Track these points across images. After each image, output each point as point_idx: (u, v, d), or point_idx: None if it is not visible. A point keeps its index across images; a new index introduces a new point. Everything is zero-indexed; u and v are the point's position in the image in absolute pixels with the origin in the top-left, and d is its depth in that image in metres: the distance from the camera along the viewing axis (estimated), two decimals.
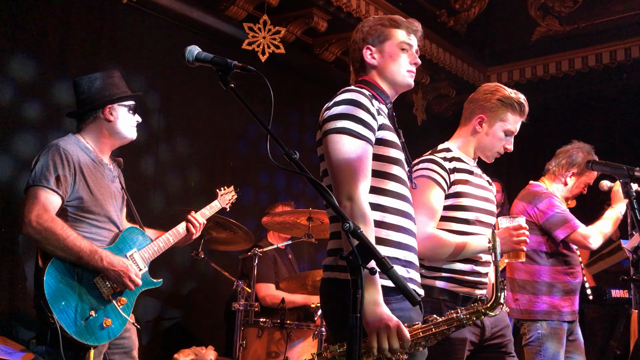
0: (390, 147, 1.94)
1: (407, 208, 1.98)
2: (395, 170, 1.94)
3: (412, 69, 2.07)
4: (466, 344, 2.36)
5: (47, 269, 2.41)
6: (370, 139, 1.88)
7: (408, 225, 1.96)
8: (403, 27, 2.06)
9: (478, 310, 1.99)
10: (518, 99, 2.52)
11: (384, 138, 1.93)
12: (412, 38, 2.07)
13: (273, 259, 4.49)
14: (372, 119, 1.89)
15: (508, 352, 2.49)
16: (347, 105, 1.89)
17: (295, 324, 3.78)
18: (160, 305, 4.44)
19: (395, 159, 1.94)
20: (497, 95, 2.51)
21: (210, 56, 1.61)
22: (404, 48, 2.05)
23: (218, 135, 4.93)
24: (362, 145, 1.85)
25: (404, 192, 1.97)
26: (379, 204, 1.90)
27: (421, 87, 6.36)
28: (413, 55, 2.07)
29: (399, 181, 1.95)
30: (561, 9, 6.23)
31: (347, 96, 1.91)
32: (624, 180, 2.42)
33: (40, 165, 2.49)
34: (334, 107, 1.91)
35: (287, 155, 1.47)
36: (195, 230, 2.86)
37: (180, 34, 4.57)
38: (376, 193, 1.90)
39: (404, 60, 2.05)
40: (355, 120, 1.86)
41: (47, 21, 3.86)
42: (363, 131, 1.86)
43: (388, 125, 1.97)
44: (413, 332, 1.79)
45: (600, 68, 6.11)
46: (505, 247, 2.35)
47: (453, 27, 6.23)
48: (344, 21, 5.14)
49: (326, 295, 1.93)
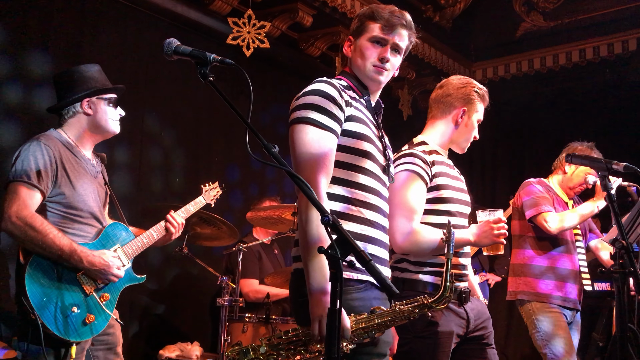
0: (361, 139, 1.92)
1: (377, 202, 1.95)
2: (365, 163, 1.92)
3: (379, 64, 2.00)
4: (453, 337, 2.39)
5: (28, 265, 2.38)
6: (334, 129, 1.87)
7: (376, 219, 1.94)
8: (381, 20, 2.01)
9: (424, 304, 1.96)
10: (485, 90, 2.65)
11: (355, 130, 1.92)
12: (389, 32, 2.00)
13: (258, 255, 4.49)
14: (339, 110, 1.88)
15: (489, 344, 2.53)
16: (313, 95, 1.88)
17: (280, 318, 3.78)
18: (145, 301, 4.42)
19: (365, 152, 1.93)
20: (471, 87, 2.61)
21: (188, 49, 1.60)
22: (378, 41, 2.01)
23: (204, 131, 4.91)
24: (324, 135, 1.84)
25: (374, 185, 1.95)
26: (344, 196, 1.89)
27: (407, 82, 6.37)
28: (384, 50, 2.01)
29: (369, 174, 1.94)
30: (545, 5, 6.27)
31: (314, 86, 1.92)
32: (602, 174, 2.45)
33: (21, 160, 2.46)
34: (301, 97, 1.91)
35: (266, 148, 1.46)
36: (174, 229, 2.84)
37: (164, 28, 4.54)
38: (343, 185, 1.89)
39: (372, 55, 2.00)
40: (320, 111, 1.85)
41: (28, 15, 3.81)
42: (327, 122, 1.85)
43: (360, 118, 1.95)
44: (354, 323, 1.77)
45: (584, 63, 6.17)
46: (486, 240, 2.39)
47: (438, 23, 6.25)
48: (329, 16, 5.14)
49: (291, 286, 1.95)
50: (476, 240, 2.41)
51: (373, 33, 2.01)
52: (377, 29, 2.00)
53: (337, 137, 1.88)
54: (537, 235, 3.53)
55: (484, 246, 2.51)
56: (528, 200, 3.52)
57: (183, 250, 3.66)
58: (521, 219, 3.60)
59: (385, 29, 2.00)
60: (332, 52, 5.61)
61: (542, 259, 3.51)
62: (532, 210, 3.48)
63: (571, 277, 3.49)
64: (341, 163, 1.90)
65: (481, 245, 2.50)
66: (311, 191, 1.46)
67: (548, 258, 3.51)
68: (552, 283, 3.47)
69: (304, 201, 1.75)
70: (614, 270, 2.28)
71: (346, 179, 1.90)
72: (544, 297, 3.46)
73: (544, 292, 3.47)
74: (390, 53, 2.01)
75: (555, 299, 3.45)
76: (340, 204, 1.88)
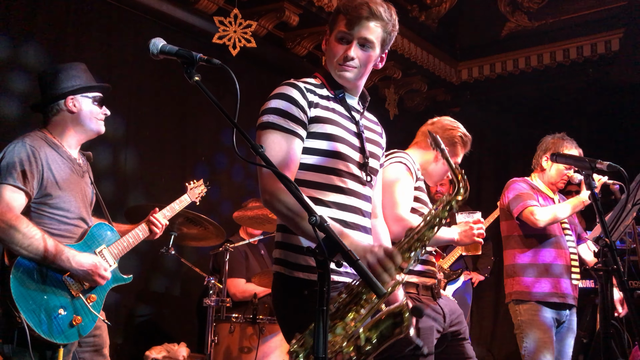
0: (330, 140, 1.90)
1: (354, 202, 1.93)
2: (337, 164, 1.90)
3: (343, 63, 1.93)
4: (434, 332, 2.45)
5: (14, 268, 2.35)
6: (296, 132, 1.86)
7: (353, 220, 1.92)
8: (347, 15, 1.91)
9: (448, 200, 1.90)
10: (470, 137, 2.82)
11: (322, 132, 1.89)
12: (353, 27, 1.90)
13: (244, 254, 4.48)
14: (301, 113, 1.87)
15: (464, 338, 2.63)
16: (276, 99, 1.89)
17: (267, 318, 3.78)
18: (131, 302, 4.40)
19: (336, 152, 1.90)
20: (457, 131, 2.77)
21: (175, 49, 1.59)
22: (342, 38, 1.93)
23: (189, 130, 4.89)
24: (286, 138, 1.84)
25: (349, 185, 1.92)
26: (318, 199, 1.87)
27: (393, 82, 6.39)
28: (348, 47, 1.91)
29: (343, 175, 1.91)
30: (530, 5, 6.33)
31: (279, 90, 1.92)
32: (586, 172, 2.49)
33: (6, 162, 2.43)
34: (266, 102, 1.92)
35: (253, 148, 1.46)
36: (157, 230, 2.84)
37: (149, 27, 4.51)
38: (316, 188, 1.88)
39: (337, 53, 1.93)
40: (281, 114, 1.85)
41: (10, 13, 3.77)
42: (289, 125, 1.85)
43: (327, 118, 1.92)
44: (398, 245, 1.79)
45: (568, 63, 6.24)
46: (466, 240, 2.52)
47: (424, 22, 6.28)
48: (315, 15, 5.14)
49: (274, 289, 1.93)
50: (459, 239, 2.54)
51: (339, 28, 1.93)
52: (342, 25, 1.92)
53: (300, 139, 1.87)
54: (525, 234, 3.53)
55: (463, 245, 2.62)
56: (513, 198, 3.53)
57: (169, 251, 3.64)
58: (508, 219, 3.61)
59: (348, 24, 1.90)
60: (319, 51, 5.61)
61: (532, 257, 3.50)
62: (518, 206, 3.48)
63: (562, 272, 3.47)
64: (313, 166, 1.89)
65: (462, 244, 2.61)
66: (299, 191, 1.46)
67: (537, 255, 3.50)
68: (545, 281, 3.45)
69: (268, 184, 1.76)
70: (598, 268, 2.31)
71: (319, 182, 1.89)
72: (539, 296, 3.44)
73: (537, 291, 3.44)
74: (356, 49, 1.92)
75: (551, 297, 3.43)
76: (315, 207, 1.84)
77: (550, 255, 3.50)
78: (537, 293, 3.45)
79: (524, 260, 3.52)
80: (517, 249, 3.56)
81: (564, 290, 3.45)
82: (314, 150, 1.89)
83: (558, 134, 3.65)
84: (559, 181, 3.63)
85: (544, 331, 3.39)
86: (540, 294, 3.44)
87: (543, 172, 3.66)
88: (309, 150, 1.89)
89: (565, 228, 3.61)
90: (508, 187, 3.64)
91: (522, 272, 3.50)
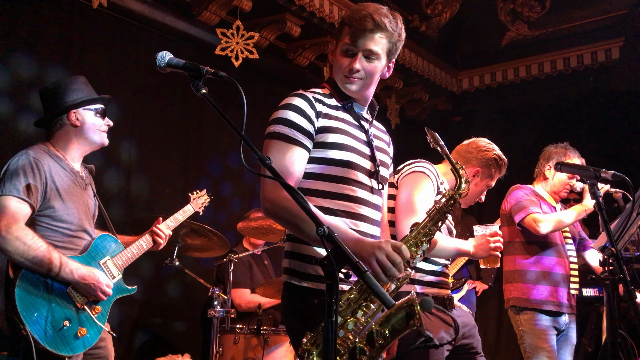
0: (339, 149, 1.91)
1: (364, 211, 1.94)
2: (347, 173, 1.91)
3: (349, 75, 1.94)
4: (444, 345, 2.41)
5: (19, 280, 2.36)
6: (303, 142, 1.87)
7: (363, 229, 1.92)
8: (351, 27, 1.92)
9: (452, 195, 1.96)
10: (506, 161, 2.80)
11: (331, 141, 1.90)
12: (357, 40, 1.90)
13: (248, 265, 4.48)
14: (309, 123, 1.88)
15: (478, 352, 2.59)
16: (284, 109, 1.90)
17: (272, 329, 3.77)
18: (136, 313, 4.39)
19: (346, 161, 1.91)
20: (493, 154, 2.76)
21: (182, 62, 1.61)
22: (347, 50, 1.94)
23: (193, 141, 4.90)
24: (292, 149, 1.85)
25: (359, 194, 1.93)
26: (328, 208, 1.88)
27: (394, 91, 6.41)
28: (353, 60, 1.92)
29: (352, 184, 1.92)
30: (530, 14, 6.36)
31: (287, 101, 1.93)
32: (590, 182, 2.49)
33: (10, 174, 2.44)
34: (274, 112, 1.93)
35: (260, 160, 1.47)
36: (161, 240, 2.85)
37: (153, 39, 4.53)
38: (326, 197, 1.89)
39: (343, 65, 1.95)
40: (289, 125, 1.87)
41: (16, 26, 3.80)
42: (296, 135, 1.86)
43: (337, 127, 1.93)
44: (405, 240, 1.84)
45: (569, 72, 6.26)
46: (482, 253, 2.47)
47: (425, 32, 6.30)
48: (317, 26, 5.16)
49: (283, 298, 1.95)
50: (474, 252, 2.50)
51: (344, 41, 1.94)
52: (347, 37, 1.93)
53: (305, 149, 1.88)
54: (526, 240, 3.54)
55: (480, 258, 2.56)
56: (515, 204, 3.54)
57: (174, 262, 3.65)
58: (509, 224, 3.61)
59: (353, 37, 1.91)
60: (321, 61, 5.63)
61: (532, 263, 3.51)
62: (520, 213, 3.48)
63: (561, 280, 3.48)
64: (322, 175, 1.90)
65: (478, 257, 2.57)
66: (306, 202, 1.46)
67: (537, 262, 3.51)
68: (543, 287, 3.46)
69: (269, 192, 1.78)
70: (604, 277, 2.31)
71: (329, 191, 1.89)
72: (535, 302, 3.46)
73: (534, 298, 3.46)
74: (362, 61, 1.93)
75: (546, 305, 3.44)
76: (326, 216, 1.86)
77: (550, 263, 3.51)
78: (534, 300, 3.46)
79: (525, 266, 3.53)
80: (518, 255, 3.57)
81: (560, 299, 3.47)
82: (324, 160, 1.90)
83: (561, 143, 3.67)
84: (562, 190, 3.63)
85: (545, 340, 3.40)
86: (536, 301, 3.45)
87: (546, 181, 3.68)
88: (319, 160, 1.90)
89: (567, 237, 3.62)
90: (510, 193, 3.65)
91: (522, 278, 3.52)
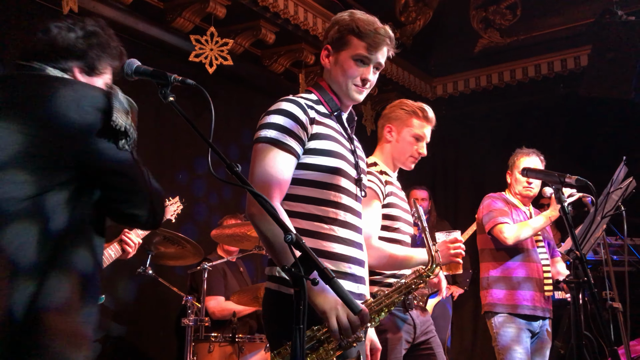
0: (330, 156, 1.91)
1: (350, 219, 1.95)
2: (335, 180, 1.92)
3: (361, 85, 1.97)
4: (402, 343, 2.50)
5: None
6: (294, 149, 1.86)
7: (349, 236, 1.93)
8: (367, 39, 1.94)
9: (420, 274, 2.12)
10: (419, 105, 2.73)
11: (322, 148, 1.90)
12: (374, 52, 1.95)
13: (222, 272, 4.45)
14: (301, 130, 1.87)
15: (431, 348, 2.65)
16: (276, 114, 1.88)
17: (247, 337, 3.75)
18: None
19: (335, 168, 1.92)
20: (400, 105, 2.75)
21: (149, 69, 1.60)
22: (361, 60, 1.96)
23: (165, 148, 4.87)
24: (282, 155, 1.84)
25: (346, 202, 1.94)
26: (315, 214, 1.88)
27: (370, 98, 6.46)
28: (366, 70, 1.96)
29: (340, 191, 1.93)
30: (501, 22, 6.47)
31: (279, 105, 1.91)
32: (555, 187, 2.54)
33: None
34: (265, 117, 1.91)
35: (228, 168, 1.47)
36: (130, 249, 2.82)
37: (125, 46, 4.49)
38: (313, 203, 1.89)
39: (355, 74, 1.96)
40: (280, 130, 1.85)
41: None
42: (287, 141, 1.85)
43: (327, 134, 1.93)
44: (368, 306, 1.89)
45: (540, 78, 6.37)
46: (444, 260, 2.49)
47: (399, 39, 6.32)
48: (292, 33, 5.18)
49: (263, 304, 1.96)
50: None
51: (357, 51, 1.94)
52: (362, 48, 1.94)
53: (295, 156, 1.87)
54: (496, 247, 3.62)
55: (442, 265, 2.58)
56: (486, 214, 3.64)
57: (147, 271, 3.61)
58: (482, 232, 3.70)
59: (370, 49, 1.94)
60: (296, 68, 5.64)
61: (501, 270, 3.60)
62: (489, 222, 3.58)
63: (532, 285, 3.54)
64: (311, 182, 1.89)
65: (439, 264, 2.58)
66: (274, 209, 1.46)
67: (506, 268, 3.59)
68: (516, 292, 3.52)
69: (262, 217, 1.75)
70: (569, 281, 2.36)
71: (317, 197, 1.89)
72: (509, 307, 3.52)
73: (508, 303, 3.53)
74: (372, 72, 1.99)
75: (520, 309, 3.50)
76: (312, 222, 1.87)
77: (520, 269, 3.58)
78: (507, 305, 3.53)
79: (496, 273, 3.61)
80: (490, 262, 3.65)
81: (534, 303, 3.53)
82: (313, 166, 1.90)
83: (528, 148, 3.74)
84: (523, 190, 3.69)
85: (518, 342, 3.45)
86: (510, 306, 3.52)
87: (511, 186, 3.77)
88: (309, 166, 1.90)
89: (538, 240, 3.69)
90: (483, 202, 3.74)
91: (494, 284, 3.59)
